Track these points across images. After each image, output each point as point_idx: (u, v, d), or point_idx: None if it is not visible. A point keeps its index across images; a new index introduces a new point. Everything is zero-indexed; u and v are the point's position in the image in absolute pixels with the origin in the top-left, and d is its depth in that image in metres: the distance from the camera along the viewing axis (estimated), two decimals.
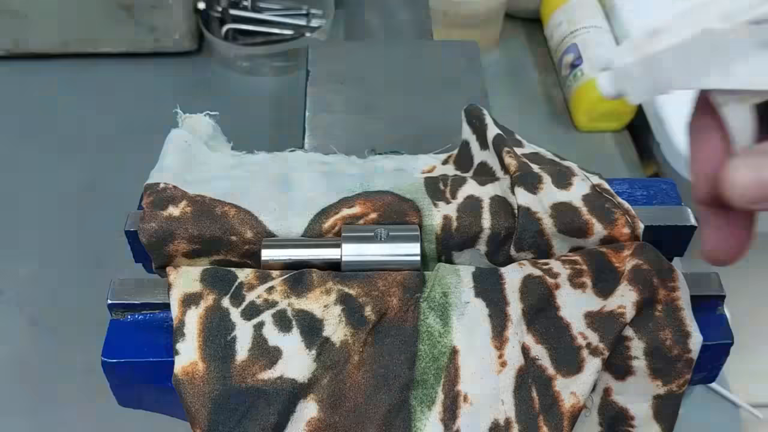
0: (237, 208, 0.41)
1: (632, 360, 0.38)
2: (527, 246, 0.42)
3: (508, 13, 0.94)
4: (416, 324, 0.38)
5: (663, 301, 0.38)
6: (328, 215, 0.42)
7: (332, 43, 0.85)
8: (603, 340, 0.37)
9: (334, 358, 0.37)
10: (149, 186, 0.42)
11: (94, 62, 0.87)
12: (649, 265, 0.39)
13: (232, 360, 0.37)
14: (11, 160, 0.79)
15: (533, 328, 0.38)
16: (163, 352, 0.38)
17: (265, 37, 0.88)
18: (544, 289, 0.39)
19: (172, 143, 0.45)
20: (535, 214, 0.41)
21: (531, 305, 0.39)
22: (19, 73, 0.86)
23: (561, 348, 0.38)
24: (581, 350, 0.38)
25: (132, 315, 0.40)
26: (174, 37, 0.86)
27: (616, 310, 0.38)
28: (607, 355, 0.37)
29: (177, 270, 0.40)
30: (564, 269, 0.40)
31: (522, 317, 0.39)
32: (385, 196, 0.43)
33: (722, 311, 0.41)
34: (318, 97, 0.65)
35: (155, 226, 0.40)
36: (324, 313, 0.38)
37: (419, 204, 0.42)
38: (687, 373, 0.38)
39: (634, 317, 0.38)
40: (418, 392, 0.37)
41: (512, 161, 0.43)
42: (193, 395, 0.36)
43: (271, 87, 0.86)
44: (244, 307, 0.39)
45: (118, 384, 0.40)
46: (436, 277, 0.40)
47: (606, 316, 0.38)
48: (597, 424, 0.39)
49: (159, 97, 0.82)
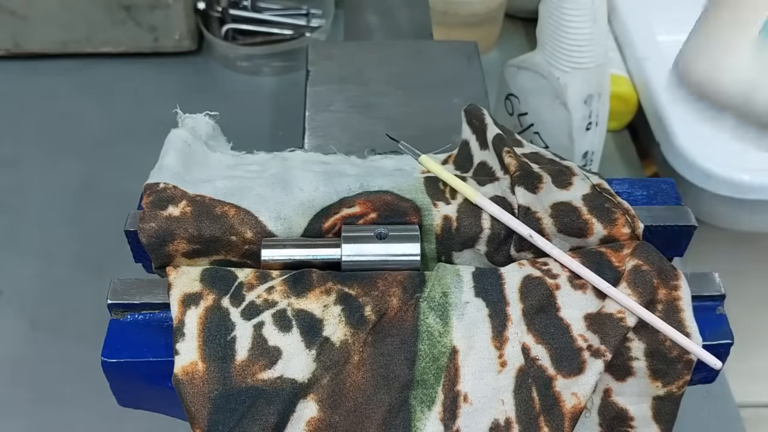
0: (237, 208, 0.41)
1: (632, 361, 0.38)
2: (527, 246, 0.42)
3: (508, 13, 0.94)
4: (416, 324, 0.38)
5: (664, 301, 0.38)
6: (328, 215, 0.42)
7: (332, 43, 0.85)
8: (604, 342, 0.37)
9: (334, 358, 0.37)
10: (149, 186, 0.42)
11: (94, 62, 0.87)
12: (650, 265, 0.39)
13: (232, 360, 0.37)
14: (11, 160, 0.79)
15: (533, 328, 0.38)
16: (162, 352, 0.38)
17: (265, 37, 0.88)
18: (544, 289, 0.39)
19: (172, 143, 0.45)
20: (535, 213, 0.41)
21: (531, 305, 0.39)
22: (19, 73, 0.86)
23: (561, 348, 0.38)
24: (582, 352, 0.37)
25: (132, 315, 0.40)
26: (174, 37, 0.86)
27: (616, 314, 0.38)
28: (610, 358, 0.37)
29: (177, 270, 0.40)
30: (563, 270, 0.40)
31: (522, 317, 0.39)
32: (385, 196, 0.43)
33: (722, 311, 0.41)
34: (318, 97, 0.65)
35: (155, 226, 0.40)
36: (324, 313, 0.38)
37: (419, 204, 0.42)
38: (687, 374, 0.38)
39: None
40: (418, 392, 0.37)
41: (512, 161, 0.43)
42: (193, 395, 0.36)
43: (271, 87, 0.86)
44: (244, 307, 0.39)
45: (118, 384, 0.40)
46: (436, 277, 0.40)
47: (606, 318, 0.38)
48: (597, 424, 0.39)
49: (159, 97, 0.82)
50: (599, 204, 0.42)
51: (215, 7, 0.88)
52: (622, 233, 0.41)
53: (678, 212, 0.44)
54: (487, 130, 0.46)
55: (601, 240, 0.41)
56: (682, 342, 0.37)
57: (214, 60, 0.88)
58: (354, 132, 0.61)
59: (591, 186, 0.43)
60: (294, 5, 0.91)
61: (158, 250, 0.41)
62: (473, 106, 0.48)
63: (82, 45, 0.86)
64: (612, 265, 0.40)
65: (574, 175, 0.43)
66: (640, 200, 0.46)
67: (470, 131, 0.48)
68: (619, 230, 0.41)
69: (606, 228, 0.41)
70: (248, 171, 0.45)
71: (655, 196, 0.46)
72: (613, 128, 0.85)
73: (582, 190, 0.42)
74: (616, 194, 0.43)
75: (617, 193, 0.43)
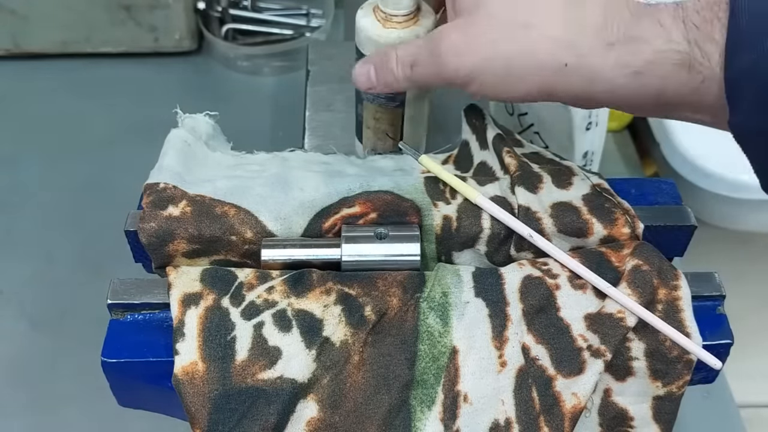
0: (237, 208, 0.41)
1: (633, 361, 0.38)
2: (527, 246, 0.42)
3: None
4: (416, 324, 0.38)
5: (664, 300, 0.38)
6: (328, 215, 0.42)
7: (332, 43, 0.85)
8: (604, 342, 0.37)
9: (334, 358, 0.37)
10: (149, 186, 0.42)
11: (94, 62, 0.87)
12: (650, 265, 0.38)
13: (232, 360, 0.37)
14: (11, 159, 0.79)
15: (533, 328, 0.38)
16: (162, 352, 0.38)
17: (265, 37, 0.88)
18: (544, 289, 0.39)
19: (171, 143, 0.45)
20: (535, 213, 0.41)
21: (531, 305, 0.39)
22: (19, 73, 0.86)
23: (561, 348, 0.38)
24: (582, 352, 0.37)
25: (132, 315, 0.40)
26: (174, 37, 0.86)
27: (616, 314, 0.38)
28: (610, 358, 0.37)
29: (177, 270, 0.40)
30: (563, 270, 0.40)
31: (522, 317, 0.39)
32: (385, 196, 0.43)
33: (722, 311, 0.41)
34: (318, 97, 0.65)
35: (155, 226, 0.40)
36: (324, 313, 0.38)
37: (419, 204, 0.42)
38: (687, 375, 0.38)
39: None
40: (418, 392, 0.37)
41: (512, 161, 0.43)
42: (193, 395, 0.36)
43: (271, 87, 0.86)
44: (244, 307, 0.39)
45: (118, 384, 0.40)
46: (436, 277, 0.40)
47: (606, 318, 0.38)
48: (597, 424, 0.39)
49: (159, 97, 0.82)
50: (599, 204, 0.42)
51: (215, 7, 0.88)
52: (622, 233, 0.41)
53: (678, 212, 0.44)
54: (487, 130, 0.46)
55: (601, 240, 0.41)
56: (682, 342, 0.37)
57: (214, 60, 0.88)
58: (354, 132, 0.61)
59: (591, 186, 0.43)
60: (294, 5, 0.91)
61: (158, 250, 0.41)
62: (473, 106, 0.48)
63: (82, 45, 0.86)
64: (612, 265, 0.40)
65: (574, 175, 0.43)
66: (640, 200, 0.46)
67: (470, 131, 0.48)
68: (619, 230, 0.41)
69: (606, 228, 0.41)
70: (248, 171, 0.45)
71: (655, 196, 0.46)
72: (613, 128, 0.85)
73: (582, 190, 0.42)
74: (616, 194, 0.43)
75: (617, 193, 0.43)
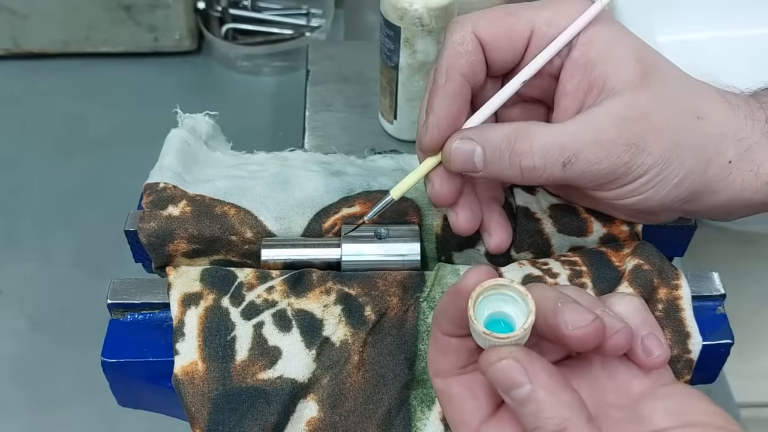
0: (237, 207, 0.41)
1: None
2: (527, 246, 0.42)
3: None
4: (416, 324, 0.38)
5: (664, 300, 0.38)
6: (328, 215, 0.42)
7: (332, 43, 0.85)
8: None
9: (334, 358, 0.37)
10: (149, 186, 0.42)
11: (94, 62, 0.87)
12: (650, 264, 0.38)
13: (232, 360, 0.37)
14: (11, 159, 0.79)
15: None
16: (162, 352, 0.38)
17: (265, 37, 0.88)
18: None
19: (171, 143, 0.45)
20: (534, 214, 0.41)
21: None
22: (19, 73, 0.86)
23: None
24: None
25: (132, 315, 0.40)
26: (174, 36, 0.86)
27: None
28: None
29: (177, 270, 0.40)
30: (564, 269, 0.40)
31: None
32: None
33: (722, 311, 0.41)
34: (318, 97, 0.65)
35: (155, 226, 0.40)
36: (324, 313, 0.38)
37: (419, 204, 0.42)
38: (687, 374, 0.38)
39: None
40: (418, 392, 0.37)
41: None
42: (193, 395, 0.36)
43: (271, 87, 0.86)
44: (244, 307, 0.39)
45: (118, 384, 0.40)
46: (436, 277, 0.40)
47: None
48: None
49: (159, 97, 0.82)
50: None
51: (215, 7, 0.88)
52: (621, 231, 0.41)
53: None
54: None
55: (601, 238, 0.41)
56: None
57: (214, 60, 0.88)
58: (354, 132, 0.62)
59: None
60: (294, 5, 0.91)
61: (158, 250, 0.41)
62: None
63: (82, 45, 0.86)
64: (612, 264, 0.40)
65: None
66: None
67: None
68: (618, 228, 0.41)
69: (605, 226, 0.41)
70: (248, 171, 0.45)
71: None
72: None
73: None
74: None
75: None
